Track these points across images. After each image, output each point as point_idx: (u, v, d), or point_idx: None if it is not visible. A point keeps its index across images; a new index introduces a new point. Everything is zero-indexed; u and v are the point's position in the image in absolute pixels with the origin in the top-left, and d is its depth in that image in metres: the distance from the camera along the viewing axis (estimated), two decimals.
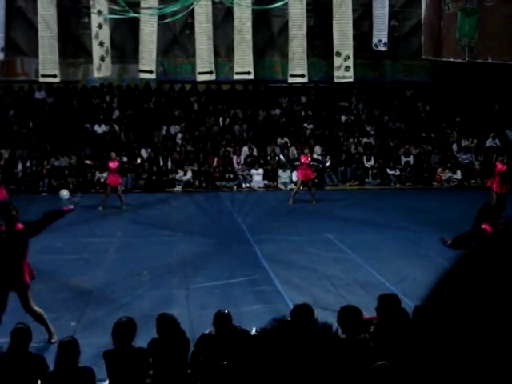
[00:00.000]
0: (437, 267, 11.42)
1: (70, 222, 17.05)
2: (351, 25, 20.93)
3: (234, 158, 25.89)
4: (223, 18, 25.18)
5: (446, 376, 0.86)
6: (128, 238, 15.37)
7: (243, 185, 24.85)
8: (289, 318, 5.81)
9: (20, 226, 8.23)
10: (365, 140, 27.33)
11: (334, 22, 20.75)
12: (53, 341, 8.41)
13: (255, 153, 26.20)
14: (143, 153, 25.37)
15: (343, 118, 28.32)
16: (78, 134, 26.11)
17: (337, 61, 20.96)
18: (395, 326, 5.58)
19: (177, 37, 27.33)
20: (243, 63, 21.05)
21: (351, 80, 21.42)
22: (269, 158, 25.93)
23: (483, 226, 7.86)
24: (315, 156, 24.82)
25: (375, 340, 5.75)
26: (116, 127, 26.75)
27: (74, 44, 26.21)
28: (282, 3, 20.96)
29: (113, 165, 19.96)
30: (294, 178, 24.80)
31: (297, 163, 21.59)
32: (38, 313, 8.64)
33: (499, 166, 18.11)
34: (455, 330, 0.83)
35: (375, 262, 13.02)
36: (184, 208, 20.22)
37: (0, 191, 16.23)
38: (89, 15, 21.26)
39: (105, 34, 20.92)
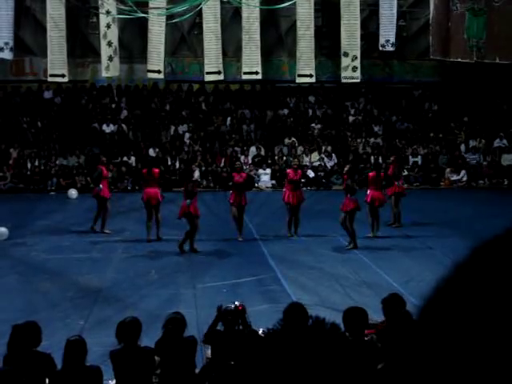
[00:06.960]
0: (444, 268, 11.40)
1: (77, 221, 17.19)
2: (359, 25, 20.92)
3: (242, 157, 25.91)
4: (231, 18, 25.21)
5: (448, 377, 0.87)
6: (136, 237, 15.41)
7: None
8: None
9: (156, 170, 15.06)
10: (372, 140, 27.30)
11: (342, 22, 20.75)
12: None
13: (263, 153, 26.22)
14: (151, 152, 25.43)
15: (351, 118, 28.31)
16: (87, 133, 26.19)
17: (344, 61, 20.96)
18: (401, 328, 5.57)
19: (185, 37, 27.38)
20: (251, 63, 21.07)
21: (358, 80, 21.43)
22: (276, 157, 25.94)
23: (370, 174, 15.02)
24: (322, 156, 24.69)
25: (382, 341, 5.74)
26: (124, 127, 26.81)
27: (82, 44, 26.30)
28: (289, 3, 20.98)
29: (239, 178, 14.38)
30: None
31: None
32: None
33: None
34: (460, 330, 0.83)
35: (383, 262, 13.02)
36: None
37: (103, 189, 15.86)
38: (97, 15, 21.33)
39: (113, 34, 20.98)
